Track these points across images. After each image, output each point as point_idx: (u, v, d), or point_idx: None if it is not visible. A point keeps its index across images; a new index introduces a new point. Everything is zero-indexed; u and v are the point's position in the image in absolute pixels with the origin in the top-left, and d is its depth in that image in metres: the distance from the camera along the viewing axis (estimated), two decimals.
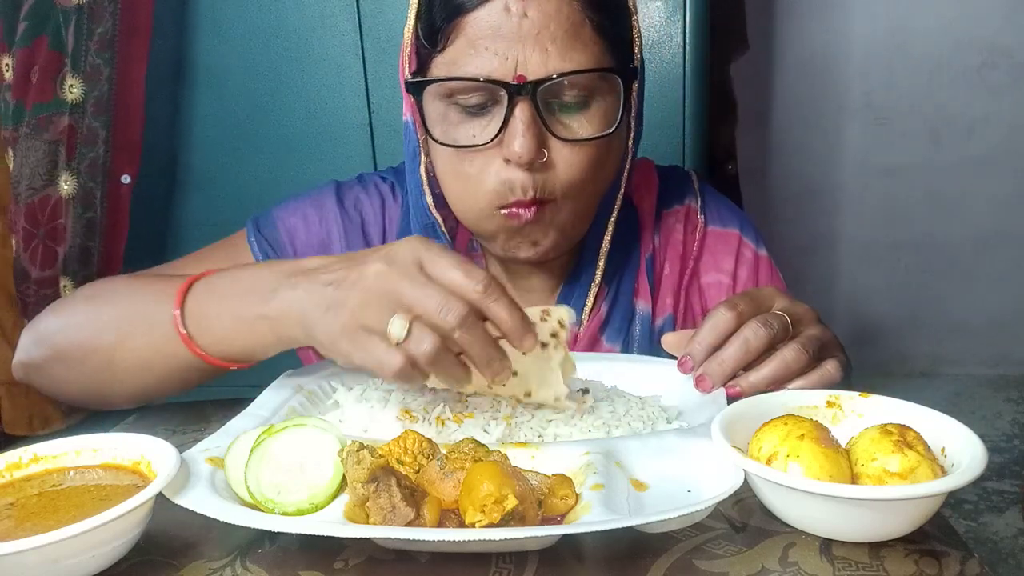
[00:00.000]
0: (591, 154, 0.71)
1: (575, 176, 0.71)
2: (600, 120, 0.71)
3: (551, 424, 0.62)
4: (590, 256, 0.82)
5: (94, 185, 1.51)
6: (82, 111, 1.47)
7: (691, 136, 1.56)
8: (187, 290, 0.67)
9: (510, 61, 0.67)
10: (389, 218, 0.87)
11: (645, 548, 0.48)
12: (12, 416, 1.65)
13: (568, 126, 0.70)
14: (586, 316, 0.82)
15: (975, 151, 2.67)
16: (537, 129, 0.68)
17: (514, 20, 0.66)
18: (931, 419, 0.53)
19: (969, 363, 2.85)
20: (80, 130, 1.48)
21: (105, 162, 1.51)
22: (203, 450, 0.56)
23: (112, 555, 0.48)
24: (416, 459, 0.51)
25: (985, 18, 2.56)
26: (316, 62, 1.63)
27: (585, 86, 0.69)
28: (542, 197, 0.71)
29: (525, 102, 0.67)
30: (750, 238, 0.88)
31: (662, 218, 0.87)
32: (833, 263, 2.86)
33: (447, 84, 0.69)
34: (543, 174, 0.70)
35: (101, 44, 1.45)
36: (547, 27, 0.67)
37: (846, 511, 0.46)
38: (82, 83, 1.46)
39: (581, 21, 0.68)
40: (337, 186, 0.89)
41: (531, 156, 0.68)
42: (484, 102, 0.69)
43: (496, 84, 0.67)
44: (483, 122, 0.70)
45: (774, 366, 0.63)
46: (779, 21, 2.65)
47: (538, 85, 0.67)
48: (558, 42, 0.67)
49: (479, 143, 0.70)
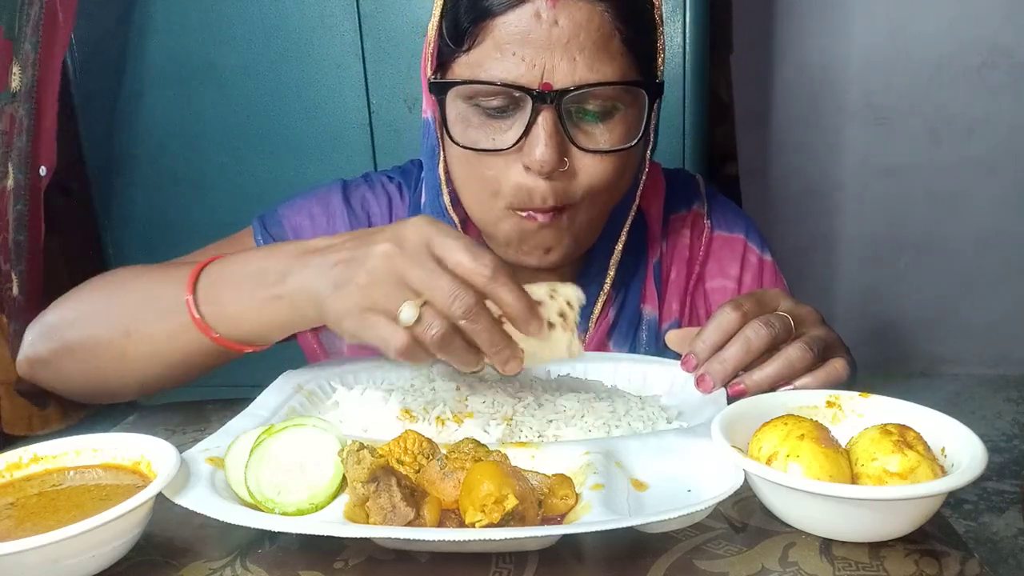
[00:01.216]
0: (612, 165, 0.71)
1: (594, 186, 0.71)
2: (623, 131, 0.71)
3: (551, 424, 0.62)
4: (599, 263, 0.81)
5: (21, 177, 1.45)
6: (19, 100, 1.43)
7: (691, 136, 1.56)
8: (198, 275, 0.67)
9: (537, 68, 0.66)
10: (396, 217, 0.87)
11: (645, 548, 0.48)
12: (12, 416, 1.65)
13: (591, 135, 0.70)
14: (594, 321, 0.82)
15: (975, 151, 2.67)
16: (559, 138, 0.68)
17: (544, 27, 0.66)
18: (931, 419, 0.53)
19: (969, 363, 2.85)
20: (16, 120, 1.43)
21: (28, 152, 1.46)
22: (203, 450, 0.56)
23: (112, 555, 0.48)
24: (416, 459, 0.51)
25: (985, 18, 2.56)
26: (316, 62, 1.63)
27: (610, 97, 0.69)
28: (559, 205, 0.70)
29: (549, 110, 0.67)
30: (755, 243, 0.89)
31: (669, 223, 0.87)
32: (833, 263, 2.86)
33: (469, 86, 0.69)
34: (562, 183, 0.70)
35: (32, 28, 1.41)
36: (577, 36, 0.66)
37: (846, 511, 0.46)
38: (19, 71, 1.41)
39: (611, 33, 0.68)
40: (344, 185, 0.89)
41: (552, 166, 0.67)
42: (506, 105, 0.69)
43: (522, 90, 0.67)
44: (504, 126, 0.70)
45: (778, 365, 0.63)
46: (779, 22, 2.65)
47: (564, 94, 0.66)
48: (587, 52, 0.66)
49: (499, 147, 0.69)
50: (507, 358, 0.57)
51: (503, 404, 0.64)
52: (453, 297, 0.54)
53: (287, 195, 0.89)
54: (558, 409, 0.64)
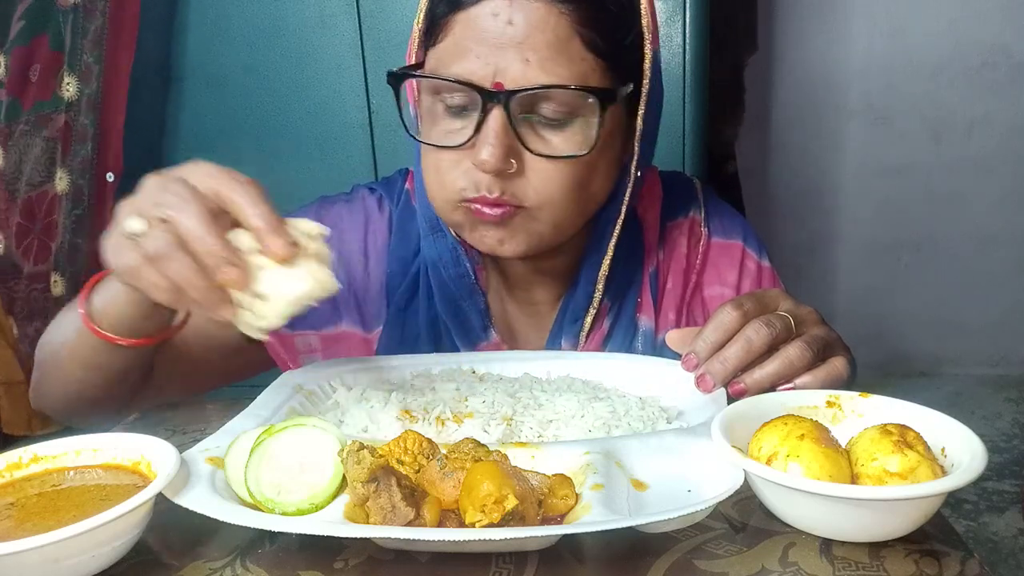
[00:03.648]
0: (570, 172, 0.69)
1: (549, 189, 0.69)
2: (581, 139, 0.69)
3: (551, 424, 0.62)
4: (590, 274, 0.80)
5: (83, 182, 1.52)
6: (77, 109, 1.49)
7: (691, 136, 1.56)
8: (94, 285, 0.68)
9: (490, 67, 0.66)
10: (372, 232, 0.86)
11: (645, 548, 0.48)
12: (12, 416, 1.65)
13: (547, 140, 0.69)
14: (587, 332, 0.81)
15: (975, 151, 2.67)
16: (507, 139, 0.67)
17: (499, 26, 0.66)
18: (931, 419, 0.53)
19: (969, 363, 2.85)
20: (75, 127, 1.49)
21: (93, 159, 1.53)
22: (203, 450, 0.56)
23: (112, 555, 0.48)
24: (416, 459, 0.51)
25: (985, 18, 2.56)
26: (316, 62, 1.63)
27: (568, 102, 0.67)
28: (509, 201, 0.69)
29: (499, 110, 0.66)
30: (753, 249, 0.88)
31: (666, 231, 0.86)
32: (833, 263, 2.86)
33: (434, 81, 0.69)
34: (512, 181, 0.69)
35: (93, 42, 1.47)
36: (530, 37, 0.66)
37: (846, 511, 0.46)
38: (77, 81, 1.47)
39: (569, 36, 0.66)
40: (319, 204, 0.88)
41: (495, 165, 0.67)
42: (465, 104, 0.69)
43: (473, 88, 0.66)
44: (462, 123, 0.70)
45: (778, 364, 0.63)
46: (780, 22, 2.65)
47: (512, 95, 0.66)
48: (540, 54, 0.66)
49: (454, 144, 0.69)
50: (228, 274, 0.52)
51: (503, 404, 0.64)
52: (180, 209, 0.52)
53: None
54: (558, 409, 0.64)
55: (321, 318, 0.84)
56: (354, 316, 0.84)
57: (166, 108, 1.70)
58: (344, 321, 0.84)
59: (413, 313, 0.83)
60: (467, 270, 0.79)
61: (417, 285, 0.83)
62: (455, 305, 0.81)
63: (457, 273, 0.80)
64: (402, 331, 0.83)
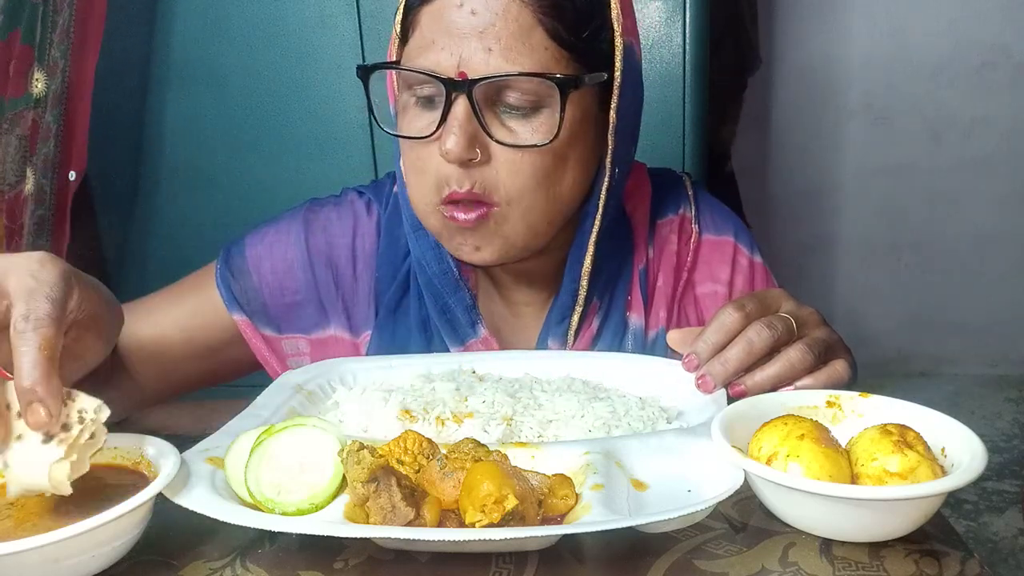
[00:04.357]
0: (537, 162, 0.69)
1: (517, 182, 0.69)
2: (547, 129, 0.68)
3: (551, 424, 0.62)
4: (574, 273, 0.79)
5: (46, 182, 1.46)
6: (44, 105, 1.43)
7: (691, 136, 1.56)
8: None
9: (454, 57, 0.67)
10: (361, 236, 0.86)
11: (645, 548, 0.48)
12: None
13: (512, 131, 0.69)
14: (572, 334, 0.81)
15: (975, 151, 2.67)
16: (471, 127, 0.67)
17: (463, 16, 0.66)
18: (931, 419, 0.53)
19: (969, 363, 2.85)
20: (40, 125, 1.43)
21: (56, 158, 1.46)
22: (203, 450, 0.56)
23: (112, 555, 0.48)
24: (416, 459, 0.51)
25: (985, 18, 2.56)
26: (316, 62, 1.63)
27: (532, 91, 0.68)
28: (480, 196, 0.69)
29: (462, 99, 0.66)
30: (745, 245, 0.87)
31: (656, 228, 0.85)
32: (833, 263, 2.86)
33: (406, 75, 0.69)
34: (481, 171, 0.69)
35: (61, 35, 1.41)
36: (493, 26, 0.66)
37: (846, 511, 0.46)
38: (45, 77, 1.41)
39: (531, 24, 0.67)
40: (308, 207, 0.87)
41: (459, 154, 0.67)
42: (433, 95, 0.69)
43: (436, 78, 0.67)
44: (431, 116, 0.70)
45: (779, 366, 0.63)
46: (780, 22, 2.65)
47: (475, 83, 0.66)
48: (502, 43, 0.66)
49: (422, 135, 0.69)
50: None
51: (503, 404, 0.64)
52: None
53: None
54: (558, 409, 0.64)
55: (309, 322, 0.84)
56: (342, 320, 0.84)
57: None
58: (332, 325, 0.84)
59: (403, 314, 0.83)
60: (449, 266, 0.79)
61: (408, 286, 0.83)
62: (442, 301, 0.81)
63: (440, 270, 0.79)
64: (393, 332, 0.83)
